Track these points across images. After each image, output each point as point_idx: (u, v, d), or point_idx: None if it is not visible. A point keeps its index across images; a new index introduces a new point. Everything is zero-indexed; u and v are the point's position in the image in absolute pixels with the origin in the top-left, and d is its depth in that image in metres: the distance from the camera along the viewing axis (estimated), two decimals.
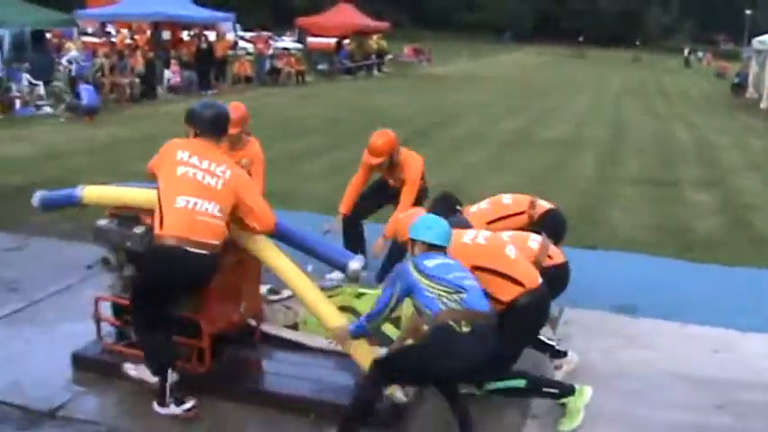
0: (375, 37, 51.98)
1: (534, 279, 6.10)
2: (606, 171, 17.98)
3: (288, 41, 45.28)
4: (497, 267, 6.00)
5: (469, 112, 28.20)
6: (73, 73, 26.14)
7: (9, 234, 11.09)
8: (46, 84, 27.37)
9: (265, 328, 7.28)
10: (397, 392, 6.08)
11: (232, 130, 7.03)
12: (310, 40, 49.42)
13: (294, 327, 7.40)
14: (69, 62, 27.22)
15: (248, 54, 44.62)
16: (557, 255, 6.99)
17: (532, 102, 32.12)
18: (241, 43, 50.40)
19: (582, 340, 7.83)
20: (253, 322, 7.14)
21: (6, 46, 28.43)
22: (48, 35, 32.88)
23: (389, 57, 54.94)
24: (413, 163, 9.01)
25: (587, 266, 9.38)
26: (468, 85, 38.97)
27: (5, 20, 26.78)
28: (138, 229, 6.45)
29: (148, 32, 37.06)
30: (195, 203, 5.89)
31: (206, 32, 37.86)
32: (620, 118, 29.17)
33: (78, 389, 6.63)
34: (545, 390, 6.19)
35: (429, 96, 33.53)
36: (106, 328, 7.05)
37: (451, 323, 5.35)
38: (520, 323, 6.02)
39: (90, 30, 37.01)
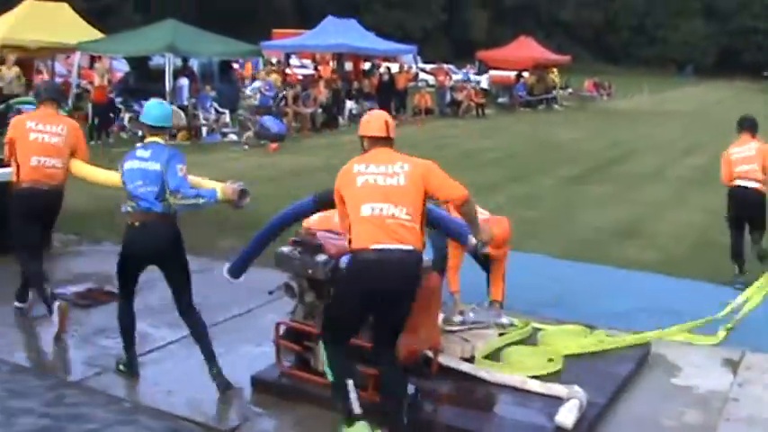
0: (555, 70, 51.69)
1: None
2: None
3: (468, 74, 45.38)
4: None
5: (649, 148, 27.73)
6: (257, 102, 26.78)
7: (194, 258, 11.38)
8: (231, 112, 28.20)
9: (442, 360, 7.25)
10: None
11: None
12: (490, 72, 49.44)
13: (470, 360, 7.38)
14: (254, 92, 27.91)
15: (429, 86, 44.92)
16: None
17: (715, 137, 31.24)
18: (422, 75, 50.81)
19: (761, 387, 7.60)
20: (430, 353, 7.14)
21: (197, 76, 29.41)
22: (234, 66, 33.87)
23: (569, 90, 54.53)
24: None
25: None
26: (648, 120, 38.32)
27: (194, 51, 27.66)
28: (321, 258, 6.55)
29: (331, 63, 37.75)
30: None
31: (388, 64, 38.31)
32: None
33: (256, 410, 6.79)
34: (339, 400, 6.13)
35: (608, 131, 33.11)
36: (285, 352, 7.18)
37: (128, 221, 7.24)
38: None
39: (274, 60, 37.93)
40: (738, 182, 11.31)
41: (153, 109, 7.62)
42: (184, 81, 26.63)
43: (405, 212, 5.99)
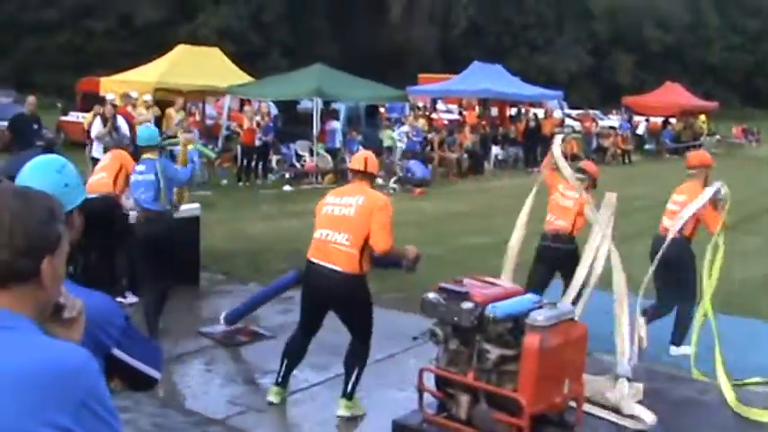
0: (702, 116, 50.80)
1: None
2: None
3: (614, 120, 44.99)
4: None
5: None
6: (404, 146, 26.88)
7: None
8: (377, 156, 28.46)
9: (588, 409, 7.11)
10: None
11: None
12: (636, 118, 48.83)
13: (616, 410, 7.23)
14: (401, 136, 28.04)
15: (575, 131, 44.65)
16: None
17: None
18: (568, 121, 50.50)
19: None
20: (573, 404, 7.03)
21: (342, 119, 29.78)
22: (381, 110, 34.20)
23: (717, 137, 53.49)
24: None
25: None
26: None
27: (341, 95, 28.04)
28: (467, 305, 6.53)
29: (477, 109, 37.84)
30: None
31: (534, 110, 38.21)
32: None
33: None
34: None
35: (758, 179, 32.18)
36: (428, 399, 7.16)
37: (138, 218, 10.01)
38: None
39: (420, 104, 38.21)
40: None
41: (142, 133, 10.20)
42: (336, 124, 27.00)
43: (344, 239, 7.34)
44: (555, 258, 10.30)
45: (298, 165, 26.10)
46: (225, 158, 26.68)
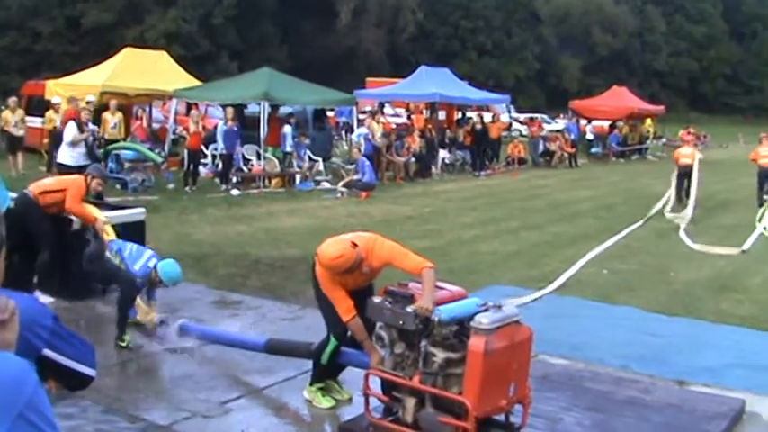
0: (649, 120, 51.22)
1: None
2: None
3: (572, 124, 45.20)
4: None
5: (743, 199, 27.19)
6: (363, 150, 26.53)
7: (284, 304, 11.52)
8: (324, 160, 28.42)
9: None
10: None
11: None
12: (583, 122, 49.12)
13: None
14: (359, 138, 27.78)
15: (522, 136, 44.84)
16: None
17: None
18: (515, 125, 50.73)
19: None
20: (519, 407, 7.06)
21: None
22: (329, 114, 34.15)
23: (663, 140, 53.96)
24: None
25: None
26: (744, 171, 37.52)
27: (289, 99, 27.95)
28: (412, 309, 6.54)
29: (425, 113, 37.89)
30: None
31: (481, 113, 38.33)
32: None
33: None
34: None
35: (704, 181, 32.43)
36: (374, 402, 7.16)
37: None
38: None
39: (368, 108, 38.13)
40: None
41: None
42: (288, 129, 26.90)
43: None
44: None
45: (245, 169, 25.97)
46: (171, 162, 26.50)
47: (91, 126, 20.13)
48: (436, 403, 6.55)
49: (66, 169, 17.80)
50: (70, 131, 19.49)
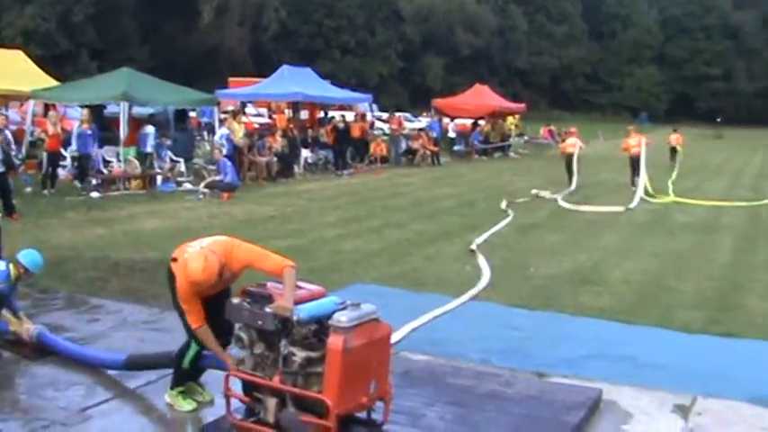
0: (511, 118, 52.02)
1: None
2: (743, 256, 17.34)
3: (435, 123, 45.54)
4: None
5: (604, 194, 27.89)
6: (225, 150, 26.21)
7: (145, 307, 11.36)
8: (186, 161, 28.12)
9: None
10: None
11: None
12: (446, 120, 49.61)
13: None
14: (222, 139, 27.47)
15: (385, 134, 45.03)
16: None
17: (669, 183, 31.37)
18: (378, 123, 50.93)
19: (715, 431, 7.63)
20: (381, 404, 7.09)
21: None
22: (192, 114, 33.80)
23: (525, 138, 54.90)
24: None
25: (722, 354, 9.22)
26: (604, 166, 38.42)
27: (149, 99, 27.58)
28: (270, 309, 6.52)
29: (287, 112, 37.83)
30: None
31: (343, 113, 38.43)
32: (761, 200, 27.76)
33: None
34: None
35: (564, 177, 33.08)
36: (236, 404, 7.12)
37: None
38: None
39: (230, 108, 37.93)
40: None
41: None
42: (150, 129, 26.52)
43: None
44: None
45: (105, 170, 25.52)
46: (29, 165, 25.89)
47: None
48: (297, 403, 6.54)
49: None
50: None
